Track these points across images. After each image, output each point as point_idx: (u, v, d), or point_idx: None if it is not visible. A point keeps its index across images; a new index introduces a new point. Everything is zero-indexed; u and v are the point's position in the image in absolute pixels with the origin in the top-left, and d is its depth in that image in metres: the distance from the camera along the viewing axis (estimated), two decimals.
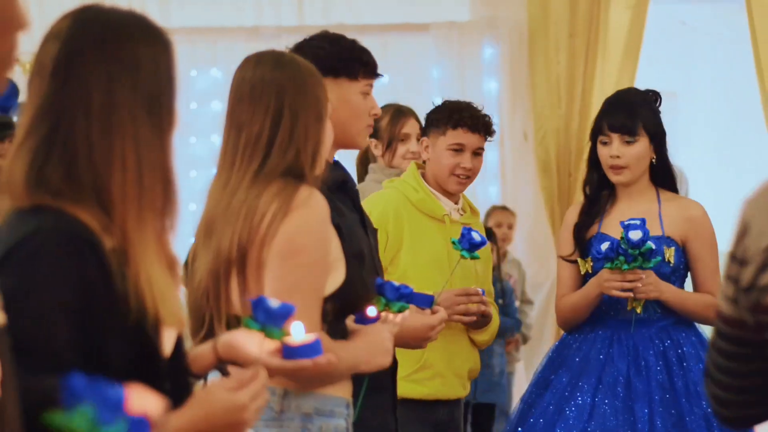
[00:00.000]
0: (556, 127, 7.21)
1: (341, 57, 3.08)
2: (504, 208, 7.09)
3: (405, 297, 2.72)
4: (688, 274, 3.95)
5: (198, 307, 2.60)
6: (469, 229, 3.60)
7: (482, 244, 3.58)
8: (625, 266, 3.73)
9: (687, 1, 8.51)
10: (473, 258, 3.59)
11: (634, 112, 3.88)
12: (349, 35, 3.19)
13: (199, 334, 2.57)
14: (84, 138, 1.81)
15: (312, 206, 2.55)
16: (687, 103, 9.34)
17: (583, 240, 3.91)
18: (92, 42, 1.84)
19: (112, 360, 1.78)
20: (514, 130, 7.42)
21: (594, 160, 3.94)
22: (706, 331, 3.90)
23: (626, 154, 3.84)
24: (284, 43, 3.13)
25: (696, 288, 3.95)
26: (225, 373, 2.24)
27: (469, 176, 3.92)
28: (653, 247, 3.74)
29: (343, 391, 2.70)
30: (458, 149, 3.85)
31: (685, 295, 3.89)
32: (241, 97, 2.65)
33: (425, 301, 3.35)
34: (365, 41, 3.21)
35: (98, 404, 1.43)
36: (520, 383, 6.98)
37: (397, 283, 2.73)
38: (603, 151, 3.88)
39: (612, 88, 6.87)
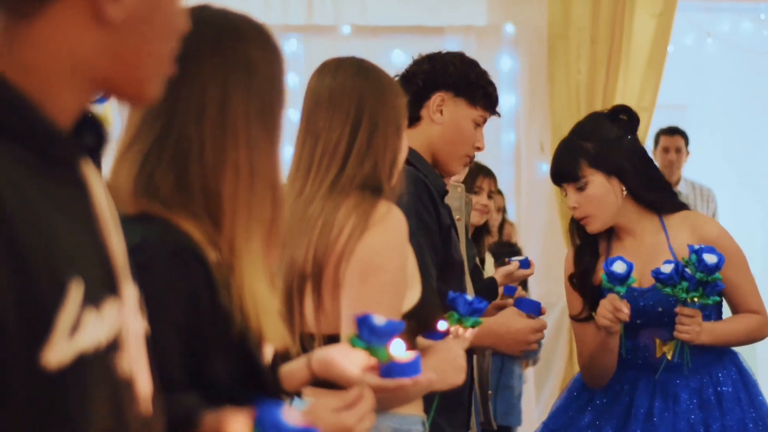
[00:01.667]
0: None
1: (468, 78, 3.18)
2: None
3: (478, 312, 2.61)
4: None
5: None
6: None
7: (627, 276, 3.36)
8: (683, 295, 3.33)
9: (712, 9, 8.25)
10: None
11: (572, 152, 3.45)
12: (360, 37, 3.10)
13: None
14: (197, 140, 1.78)
15: (391, 222, 2.47)
16: (697, 116, 9.13)
17: (590, 289, 3.53)
18: (208, 43, 1.81)
19: (219, 377, 1.75)
20: (531, 141, 7.16)
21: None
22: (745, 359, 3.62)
23: (582, 202, 3.43)
24: (293, 43, 2.99)
25: (735, 311, 3.56)
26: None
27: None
28: (721, 279, 3.34)
29: (417, 410, 2.67)
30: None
31: (726, 330, 3.49)
32: (318, 102, 2.57)
33: (534, 308, 3.31)
34: (376, 43, 3.11)
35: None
36: (529, 405, 6.74)
37: (470, 297, 2.62)
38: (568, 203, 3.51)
39: (634, 99, 6.62)
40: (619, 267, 3.32)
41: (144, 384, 1.32)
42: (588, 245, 3.56)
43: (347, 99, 2.54)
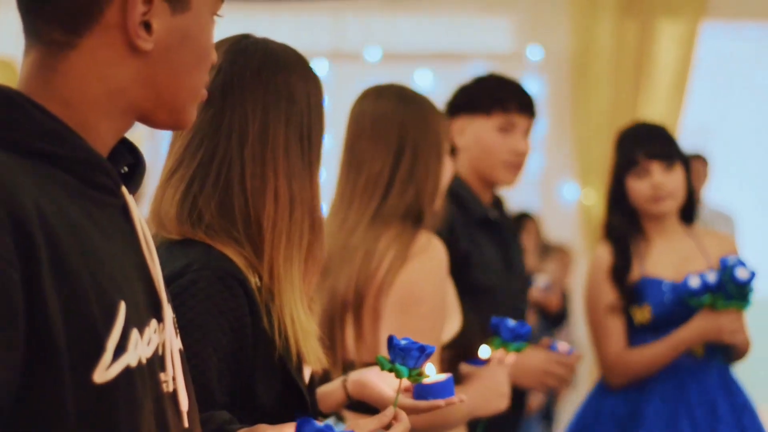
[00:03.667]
0: (598, 163, 6.98)
1: (474, 94, 3.17)
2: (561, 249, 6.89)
3: (522, 337, 2.58)
4: None
5: None
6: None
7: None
8: (723, 304, 3.50)
9: (736, 32, 8.31)
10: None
11: (668, 138, 3.67)
12: (387, 62, 3.14)
13: None
14: (239, 168, 1.82)
15: (431, 253, 2.49)
16: (721, 138, 9.15)
17: (629, 286, 3.65)
18: (250, 72, 1.85)
19: (261, 399, 1.78)
20: (556, 164, 7.22)
21: (617, 199, 3.69)
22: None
23: (668, 182, 3.62)
24: (320, 68, 3.04)
25: None
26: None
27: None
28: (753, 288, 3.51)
29: None
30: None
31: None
32: (361, 131, 2.58)
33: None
34: (402, 69, 3.13)
35: None
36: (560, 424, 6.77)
37: (513, 323, 2.59)
38: (639, 186, 3.64)
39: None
40: (743, 273, 3.47)
41: (184, 399, 1.37)
42: (624, 242, 3.68)
43: (389, 128, 2.55)
